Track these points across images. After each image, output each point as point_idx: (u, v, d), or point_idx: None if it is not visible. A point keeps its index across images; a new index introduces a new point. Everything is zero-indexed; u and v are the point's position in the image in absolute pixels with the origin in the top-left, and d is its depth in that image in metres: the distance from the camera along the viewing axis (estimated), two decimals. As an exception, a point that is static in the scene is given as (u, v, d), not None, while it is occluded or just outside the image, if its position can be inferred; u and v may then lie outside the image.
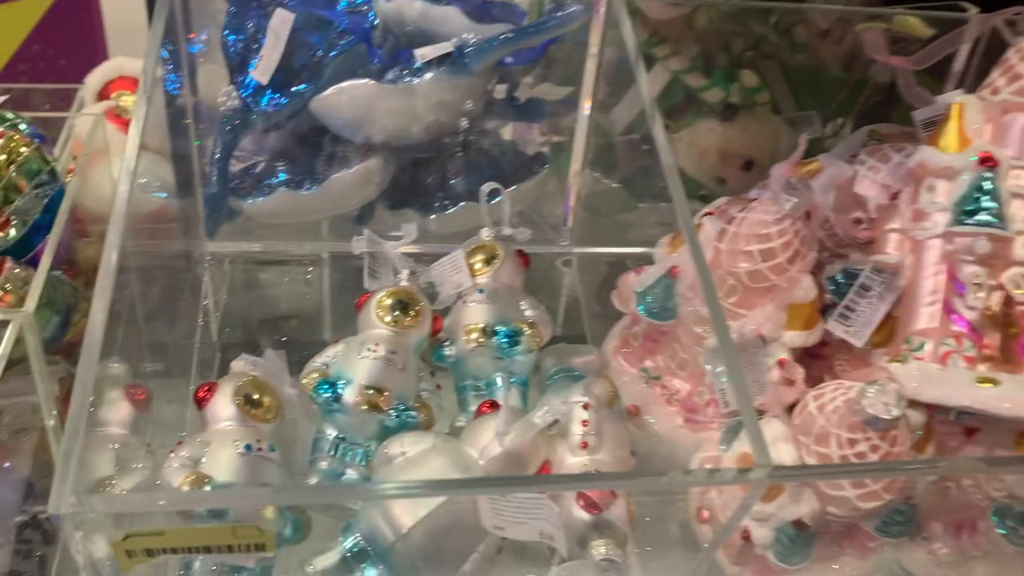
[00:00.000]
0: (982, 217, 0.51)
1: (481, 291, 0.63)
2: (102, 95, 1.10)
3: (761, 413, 0.51)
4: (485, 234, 0.67)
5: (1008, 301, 0.51)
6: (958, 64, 0.72)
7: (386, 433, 0.56)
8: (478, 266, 0.65)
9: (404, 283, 0.62)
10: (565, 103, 0.78)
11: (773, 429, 0.51)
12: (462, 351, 0.62)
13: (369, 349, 0.56)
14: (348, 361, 0.57)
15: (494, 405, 0.54)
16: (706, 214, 0.60)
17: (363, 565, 0.49)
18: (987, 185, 0.51)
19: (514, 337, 0.61)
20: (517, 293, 0.65)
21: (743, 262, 0.55)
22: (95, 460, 0.51)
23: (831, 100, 0.80)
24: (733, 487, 0.50)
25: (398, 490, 0.44)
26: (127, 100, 1.08)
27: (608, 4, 0.66)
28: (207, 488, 0.48)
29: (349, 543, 0.49)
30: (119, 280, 0.61)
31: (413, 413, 0.57)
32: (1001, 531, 0.53)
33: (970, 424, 0.52)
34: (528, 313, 0.63)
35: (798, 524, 0.50)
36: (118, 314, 0.65)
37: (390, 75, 0.67)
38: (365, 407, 0.55)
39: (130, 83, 1.11)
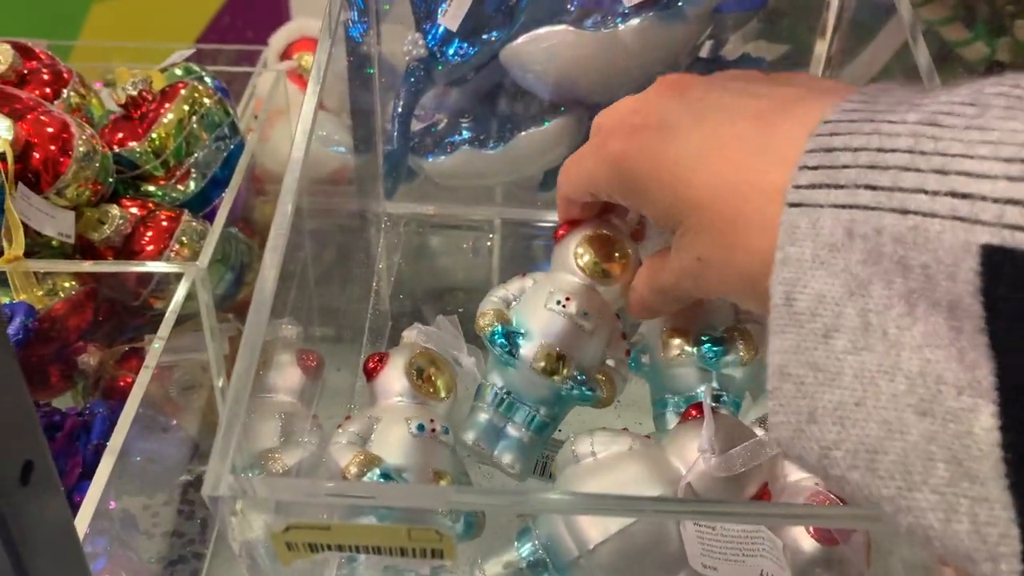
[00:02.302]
0: None
1: None
2: (284, 56, 1.09)
3: None
4: None
5: None
6: None
7: (557, 400, 0.48)
8: None
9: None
10: (782, 64, 0.69)
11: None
12: (660, 360, 0.51)
13: (559, 303, 0.47)
14: (532, 309, 0.48)
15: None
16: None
17: (540, 579, 0.42)
18: None
19: (723, 346, 0.50)
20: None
21: None
22: (259, 430, 0.46)
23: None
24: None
25: (586, 504, 0.37)
26: (308, 60, 1.07)
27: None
28: (376, 471, 0.42)
29: (526, 551, 0.43)
30: (293, 239, 0.57)
31: (591, 390, 0.47)
32: None
33: None
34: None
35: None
36: (291, 274, 0.62)
37: (590, 21, 0.59)
38: (542, 370, 0.46)
39: (312, 44, 1.09)
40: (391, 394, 0.48)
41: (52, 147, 0.65)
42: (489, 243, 0.73)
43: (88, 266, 0.65)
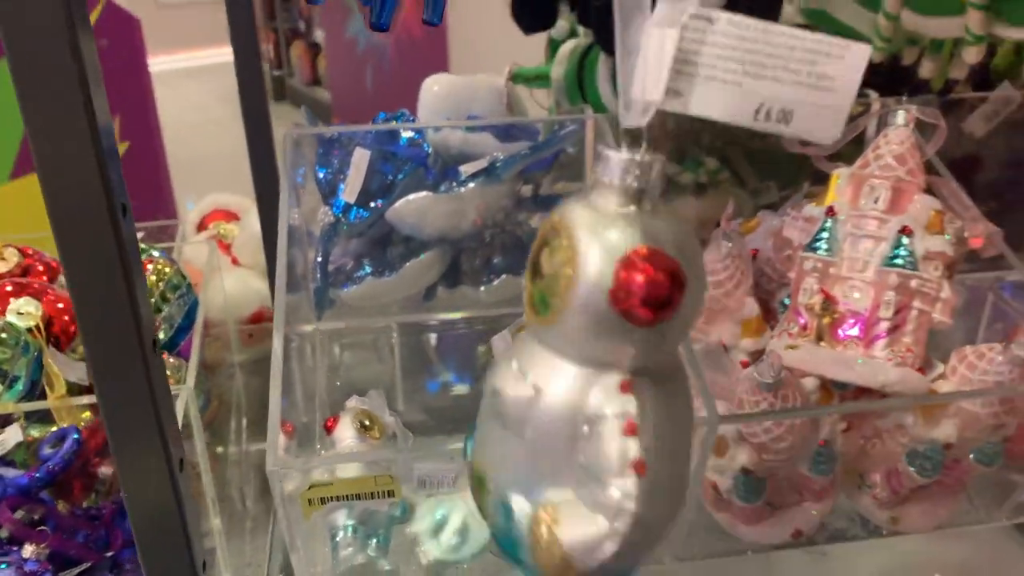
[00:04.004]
0: (817, 245, 0.73)
1: None
2: (201, 226, 1.37)
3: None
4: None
5: (834, 300, 0.71)
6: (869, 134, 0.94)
7: None
8: None
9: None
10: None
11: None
12: None
13: None
14: None
15: None
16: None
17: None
18: (827, 226, 0.73)
19: None
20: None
21: (703, 292, 0.75)
22: (266, 467, 0.72)
23: (786, 173, 1.02)
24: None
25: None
26: (225, 227, 1.35)
27: (595, 121, 0.90)
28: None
29: (438, 516, 0.70)
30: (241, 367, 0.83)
31: None
32: (912, 468, 0.71)
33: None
34: None
35: (745, 471, 0.69)
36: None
37: (442, 187, 0.90)
38: None
39: (223, 214, 1.38)
40: (345, 439, 0.74)
41: (66, 317, 0.90)
42: (392, 341, 1.01)
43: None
